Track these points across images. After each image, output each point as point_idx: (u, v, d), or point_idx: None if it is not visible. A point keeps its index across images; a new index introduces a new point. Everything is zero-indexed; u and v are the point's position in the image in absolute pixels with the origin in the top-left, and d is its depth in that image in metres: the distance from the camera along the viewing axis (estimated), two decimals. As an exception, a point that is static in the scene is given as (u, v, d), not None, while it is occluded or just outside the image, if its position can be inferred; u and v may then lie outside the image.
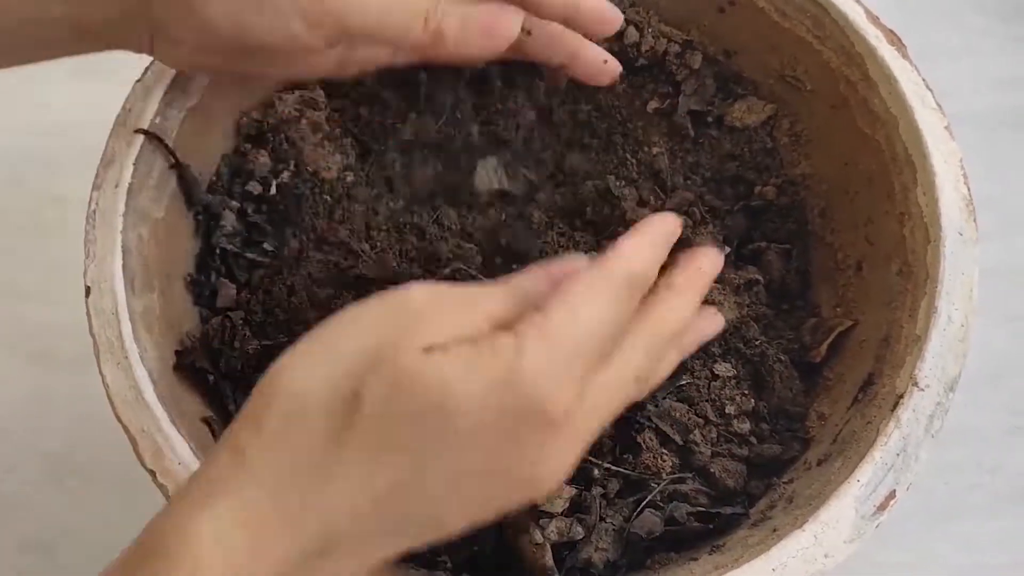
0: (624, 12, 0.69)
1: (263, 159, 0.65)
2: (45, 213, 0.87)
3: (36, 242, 0.87)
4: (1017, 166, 0.88)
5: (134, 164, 0.58)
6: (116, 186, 0.57)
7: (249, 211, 0.65)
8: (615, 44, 0.70)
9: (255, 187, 0.64)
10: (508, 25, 0.58)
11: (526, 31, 0.61)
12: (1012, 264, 0.82)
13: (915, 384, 0.54)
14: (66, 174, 0.88)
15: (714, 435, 0.60)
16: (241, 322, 0.61)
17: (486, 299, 0.45)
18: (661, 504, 0.57)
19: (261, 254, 0.64)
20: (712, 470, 0.58)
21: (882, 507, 0.52)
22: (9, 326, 0.83)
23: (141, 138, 0.58)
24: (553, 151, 0.70)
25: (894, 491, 0.52)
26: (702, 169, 0.69)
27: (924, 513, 0.75)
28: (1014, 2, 0.95)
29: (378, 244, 0.64)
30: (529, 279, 0.46)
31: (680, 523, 0.57)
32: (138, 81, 0.60)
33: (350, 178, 0.67)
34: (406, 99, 0.70)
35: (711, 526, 0.57)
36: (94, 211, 0.57)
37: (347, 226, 0.65)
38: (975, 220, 0.58)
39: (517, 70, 0.70)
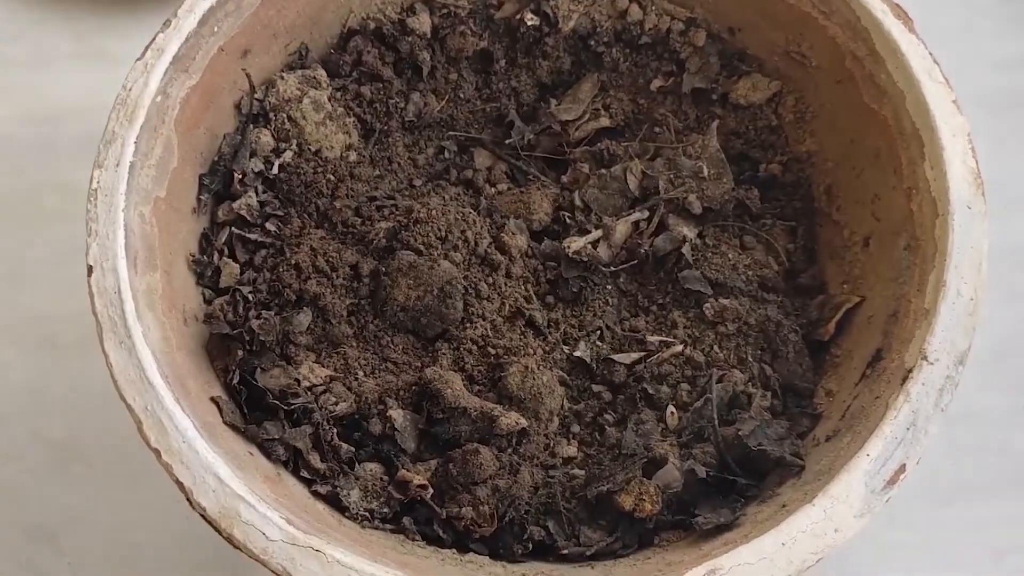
0: (627, -11, 0.69)
1: (265, 139, 0.65)
2: (45, 200, 0.87)
3: (37, 229, 0.86)
4: (1019, 146, 0.88)
5: (135, 143, 0.57)
6: (117, 164, 0.57)
7: (258, 190, 0.65)
8: (618, 22, 0.70)
9: (256, 165, 0.64)
10: None
11: None
12: (1016, 243, 0.82)
13: (924, 358, 0.54)
14: (66, 161, 0.87)
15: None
16: (250, 296, 0.61)
17: None
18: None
19: (264, 234, 0.64)
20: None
21: (892, 481, 0.52)
22: (10, 313, 0.83)
23: (142, 116, 0.57)
24: None
25: (904, 465, 0.52)
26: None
27: (930, 494, 0.74)
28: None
29: (380, 224, 0.64)
30: None
31: (698, 477, 0.56)
32: (138, 59, 0.59)
33: (353, 157, 0.67)
34: (408, 79, 0.70)
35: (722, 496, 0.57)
36: (95, 189, 0.56)
37: (350, 205, 0.65)
38: (983, 194, 0.58)
39: (520, 49, 0.70)
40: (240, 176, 0.64)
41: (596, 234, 0.65)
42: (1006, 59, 0.91)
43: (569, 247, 0.64)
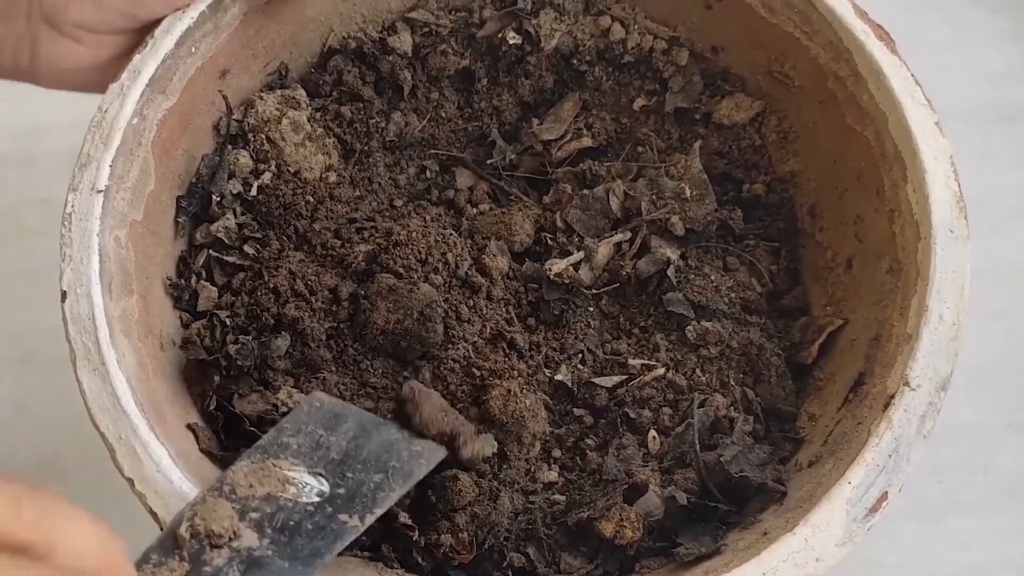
0: (609, 9, 0.69)
1: (244, 160, 0.64)
2: (25, 215, 0.86)
3: (17, 244, 0.85)
4: (1007, 161, 0.87)
5: (110, 166, 0.57)
6: (92, 188, 0.56)
7: (237, 212, 0.64)
8: (600, 41, 0.69)
9: (235, 187, 0.63)
10: None
11: None
12: (1003, 260, 0.81)
13: (907, 384, 0.53)
14: (46, 176, 0.87)
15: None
16: (228, 320, 0.60)
17: None
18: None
19: (242, 257, 0.63)
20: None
21: (874, 509, 0.51)
22: (-10, 330, 0.82)
23: (117, 139, 0.57)
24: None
25: (886, 492, 0.52)
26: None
27: (916, 511, 0.74)
28: (1004, -4, 0.94)
29: (359, 246, 0.63)
30: None
31: (679, 504, 0.56)
32: (114, 82, 0.58)
33: (333, 178, 0.66)
34: (389, 98, 0.69)
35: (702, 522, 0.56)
36: (70, 213, 0.56)
37: (329, 227, 0.65)
38: (966, 217, 0.57)
39: (502, 67, 0.70)
40: (218, 198, 0.63)
41: (578, 256, 0.65)
42: (995, 72, 0.91)
43: (551, 269, 0.64)
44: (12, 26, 0.57)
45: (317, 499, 0.50)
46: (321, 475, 0.51)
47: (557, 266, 0.64)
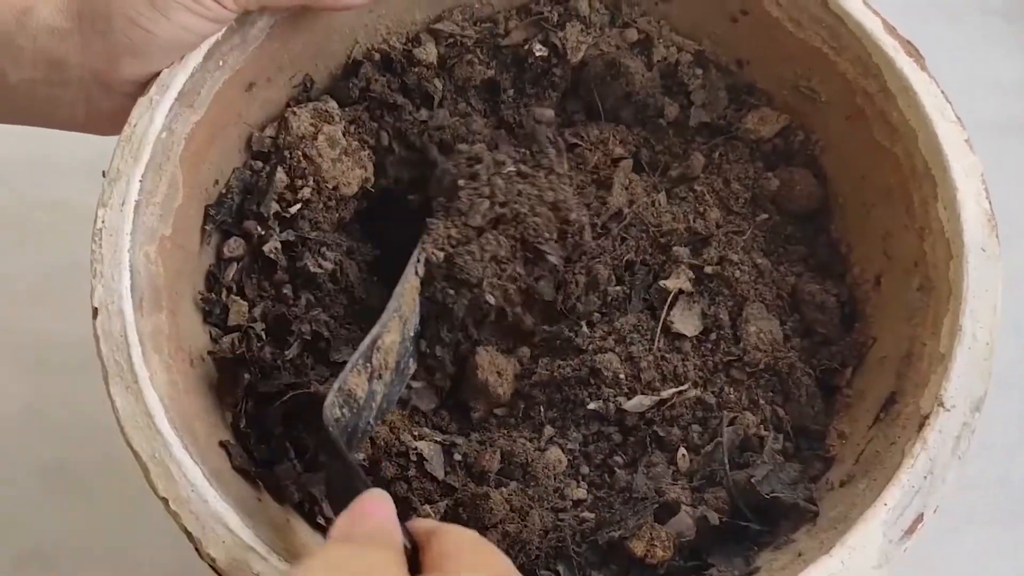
0: (635, 21, 0.69)
1: (279, 176, 0.63)
2: (39, 218, 0.86)
3: (32, 247, 0.85)
4: (1020, 171, 0.87)
5: (140, 181, 0.56)
6: (123, 204, 0.55)
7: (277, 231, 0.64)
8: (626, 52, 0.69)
9: (272, 206, 0.63)
10: None
11: None
12: (1017, 273, 0.81)
13: (941, 404, 0.53)
14: (60, 179, 0.86)
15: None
16: (263, 333, 0.60)
17: None
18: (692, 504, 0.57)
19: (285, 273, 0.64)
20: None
21: (910, 531, 0.51)
22: (4, 334, 0.82)
23: (147, 154, 0.56)
24: None
25: (922, 514, 0.52)
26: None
27: (930, 524, 0.74)
28: (1018, 4, 0.94)
29: None
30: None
31: (711, 525, 0.56)
32: (143, 95, 0.58)
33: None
34: (418, 106, 0.69)
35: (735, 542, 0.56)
36: (100, 229, 0.55)
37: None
38: (997, 235, 0.57)
39: (528, 79, 0.69)
40: (264, 217, 0.63)
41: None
42: (1012, 82, 0.91)
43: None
44: (65, 89, 0.58)
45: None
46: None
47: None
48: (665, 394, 0.61)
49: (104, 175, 0.57)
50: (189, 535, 0.51)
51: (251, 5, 0.59)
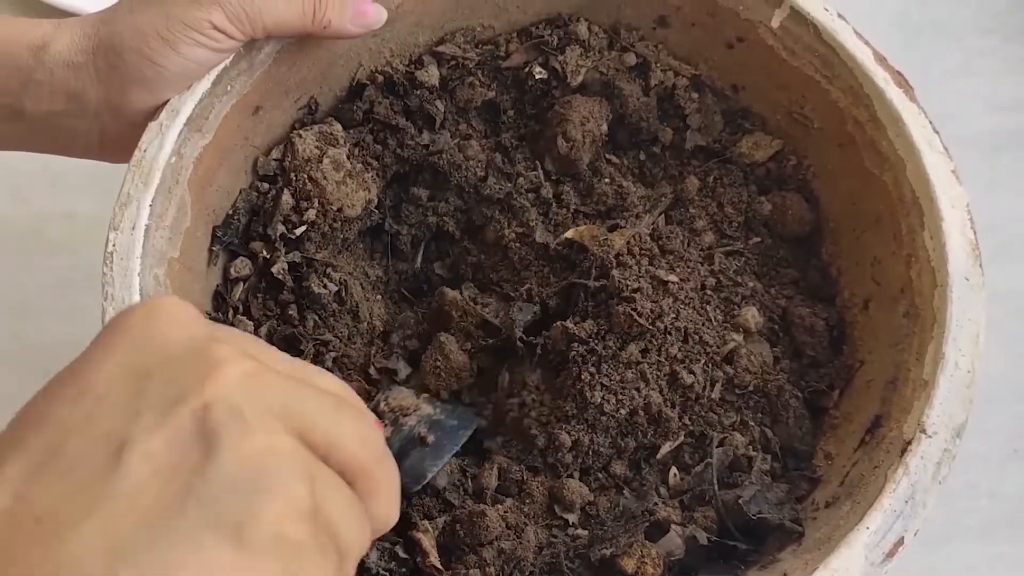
0: (633, 46, 0.70)
1: (285, 198, 0.65)
2: (49, 229, 0.87)
3: (41, 258, 0.86)
4: (1018, 189, 0.89)
5: (150, 205, 0.58)
6: (133, 227, 0.57)
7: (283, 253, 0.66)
8: (623, 75, 0.70)
9: (279, 228, 0.65)
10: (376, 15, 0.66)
11: None
12: (1012, 288, 0.82)
13: (923, 431, 0.55)
14: (71, 190, 0.88)
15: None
16: None
17: None
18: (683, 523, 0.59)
19: (292, 294, 0.65)
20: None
21: (891, 554, 0.53)
22: (13, 343, 0.83)
23: (157, 179, 0.58)
24: None
25: (903, 538, 0.53)
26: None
27: (921, 537, 0.75)
28: (1016, 22, 0.95)
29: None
30: None
31: (700, 544, 0.58)
32: (153, 120, 0.60)
33: (375, 216, 0.69)
34: (420, 128, 0.70)
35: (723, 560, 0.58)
36: (111, 252, 0.57)
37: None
38: (981, 266, 0.59)
39: (528, 100, 0.71)
40: (271, 239, 0.65)
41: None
42: (1006, 100, 0.92)
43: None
44: (80, 120, 0.61)
45: None
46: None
47: None
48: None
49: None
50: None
51: (258, 34, 0.61)
